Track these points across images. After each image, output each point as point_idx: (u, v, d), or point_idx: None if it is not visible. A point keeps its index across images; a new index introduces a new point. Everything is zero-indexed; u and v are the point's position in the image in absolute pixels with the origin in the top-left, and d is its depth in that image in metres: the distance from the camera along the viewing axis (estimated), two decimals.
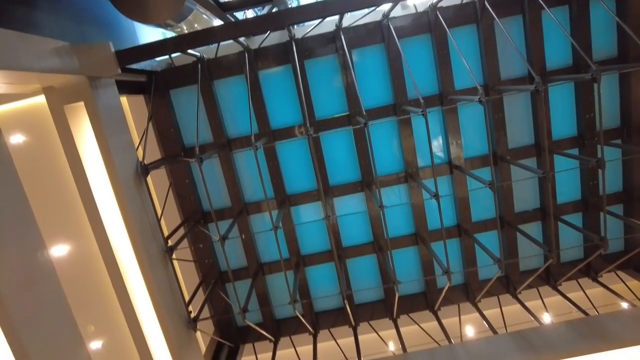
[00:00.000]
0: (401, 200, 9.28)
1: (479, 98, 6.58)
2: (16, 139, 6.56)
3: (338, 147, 8.96)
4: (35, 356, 4.19)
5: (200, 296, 8.77)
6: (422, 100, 6.71)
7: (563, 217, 9.13)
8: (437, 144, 9.03)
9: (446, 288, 7.61)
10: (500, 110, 8.67)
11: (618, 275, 9.71)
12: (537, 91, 6.57)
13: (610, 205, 9.13)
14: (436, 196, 7.02)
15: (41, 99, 6.12)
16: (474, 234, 9.10)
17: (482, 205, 9.29)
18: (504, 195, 9.12)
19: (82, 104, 6.00)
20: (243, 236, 9.23)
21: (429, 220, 9.22)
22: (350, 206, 9.31)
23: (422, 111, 6.68)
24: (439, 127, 8.91)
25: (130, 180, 6.62)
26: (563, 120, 8.95)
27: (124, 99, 8.04)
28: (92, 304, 7.42)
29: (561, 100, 8.83)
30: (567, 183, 9.34)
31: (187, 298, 8.00)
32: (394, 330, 9.36)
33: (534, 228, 9.52)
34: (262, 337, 9.64)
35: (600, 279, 9.66)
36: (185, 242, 8.81)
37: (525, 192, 9.30)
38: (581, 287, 9.65)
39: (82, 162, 6.17)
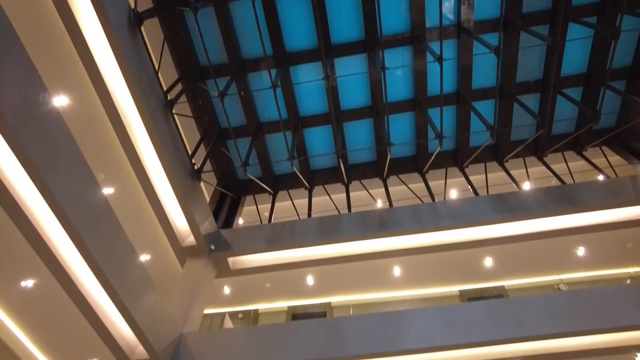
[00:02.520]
0: (404, 63, 9.05)
1: None
2: None
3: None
4: (57, 191, 4.63)
5: (203, 152, 9.19)
6: None
7: (563, 90, 9.10)
8: (448, 3, 8.42)
9: (437, 151, 7.99)
10: None
11: (602, 151, 10.13)
12: None
13: (613, 81, 9.01)
14: (440, 59, 6.87)
15: None
16: (472, 102, 9.15)
17: (484, 73, 9.13)
18: (507, 63, 8.90)
19: None
20: (242, 93, 9.23)
21: (429, 85, 9.17)
22: (351, 67, 9.12)
23: None
24: None
25: (124, 29, 6.32)
26: None
27: None
28: (100, 155, 7.80)
29: None
30: (575, 54, 9.05)
31: (190, 152, 8.39)
32: (382, 189, 10.13)
33: (531, 100, 9.54)
34: (261, 190, 10.46)
35: (584, 153, 10.11)
36: (184, 98, 8.85)
37: (530, 61, 9.06)
38: (565, 160, 10.13)
39: (70, 7, 5.80)
